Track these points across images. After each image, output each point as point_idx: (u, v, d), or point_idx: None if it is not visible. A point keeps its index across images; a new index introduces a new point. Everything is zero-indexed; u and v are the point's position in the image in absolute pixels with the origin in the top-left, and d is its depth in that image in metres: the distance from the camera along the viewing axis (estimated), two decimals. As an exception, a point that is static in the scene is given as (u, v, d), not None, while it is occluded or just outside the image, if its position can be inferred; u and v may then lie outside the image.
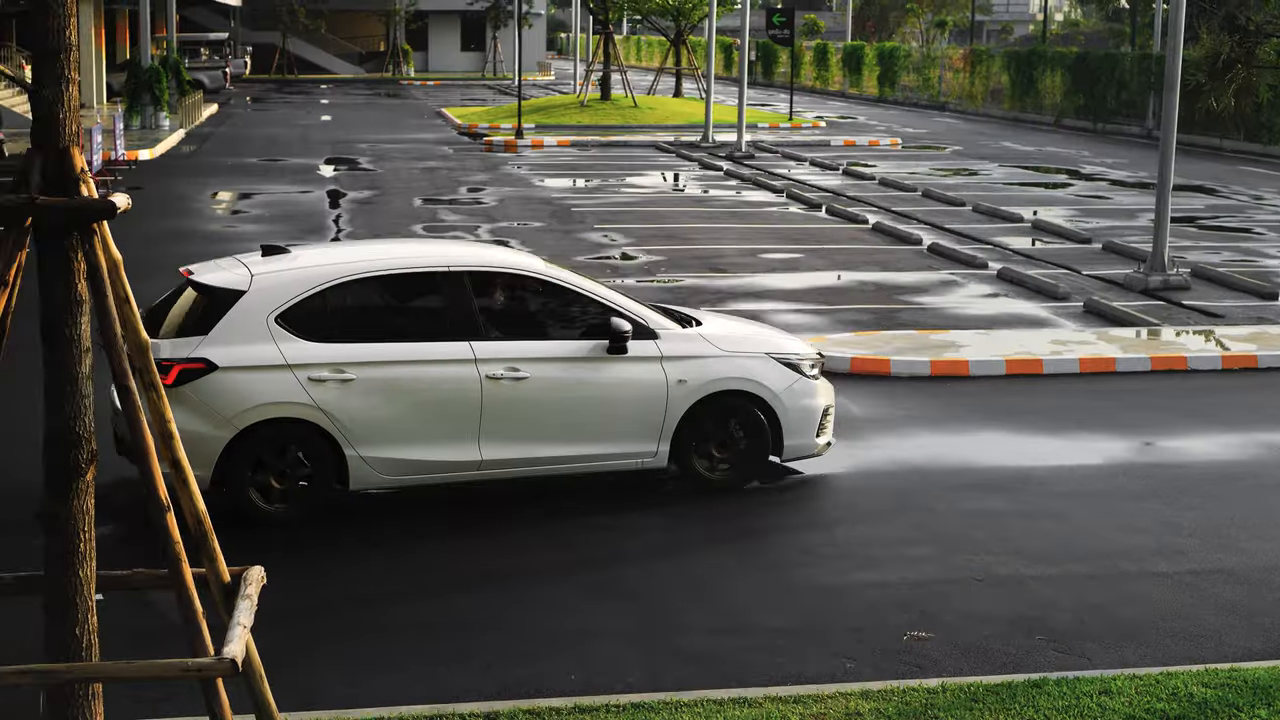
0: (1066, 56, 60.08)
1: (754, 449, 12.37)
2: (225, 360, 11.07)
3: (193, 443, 10.50)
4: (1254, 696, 8.25)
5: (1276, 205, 32.94)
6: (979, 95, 66.19)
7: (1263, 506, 12.19)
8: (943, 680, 8.49)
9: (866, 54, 76.30)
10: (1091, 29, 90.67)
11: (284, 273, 11.64)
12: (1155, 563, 10.83)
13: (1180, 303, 20.65)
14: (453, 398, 11.49)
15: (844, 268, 23.39)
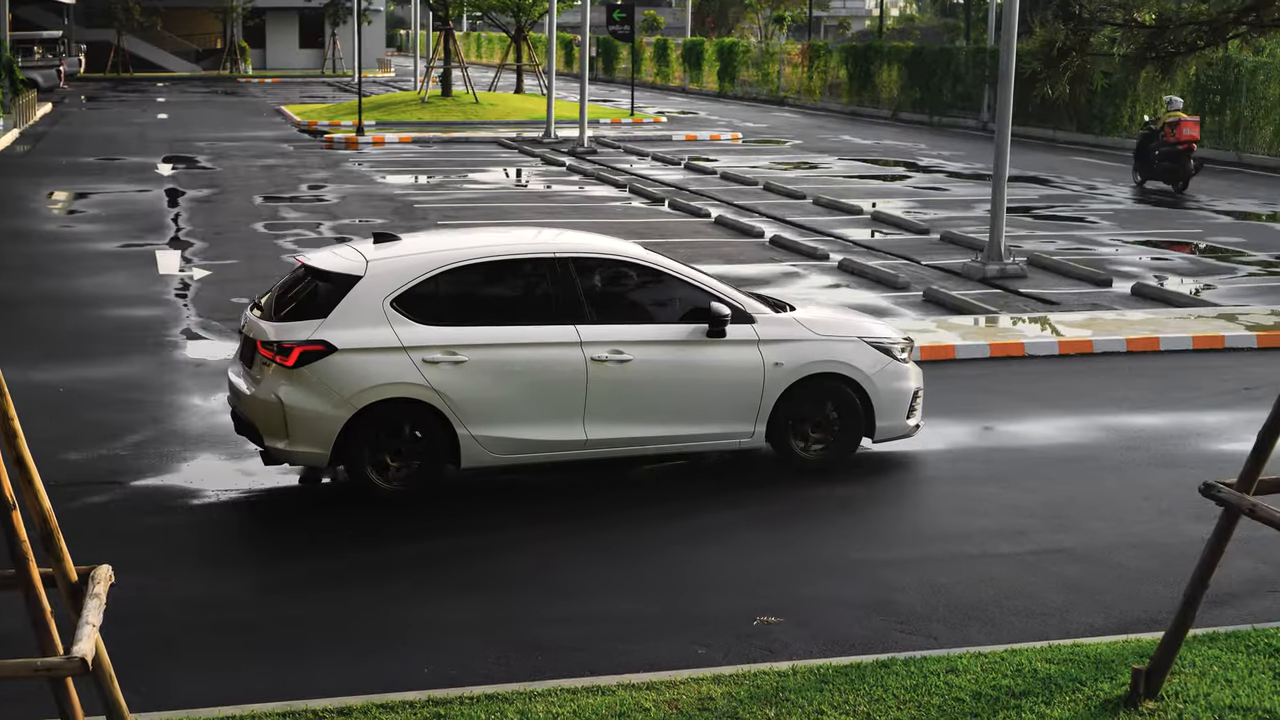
0: (903, 51, 60.88)
1: (848, 430, 12.74)
2: (343, 342, 11.44)
3: (312, 422, 11.42)
4: (1096, 670, 8.43)
5: (1109, 194, 33.67)
6: (818, 90, 66.85)
7: (1100, 487, 12.46)
8: (793, 663, 8.58)
9: (706, 50, 76.70)
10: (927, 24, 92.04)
11: (398, 259, 12.04)
12: (998, 544, 11.04)
13: (1017, 291, 21.04)
14: (559, 379, 11.86)
15: (688, 261, 23.46)
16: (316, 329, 11.49)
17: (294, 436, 11.47)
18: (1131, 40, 7.92)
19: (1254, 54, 41.69)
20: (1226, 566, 9.32)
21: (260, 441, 11.75)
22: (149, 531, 11.10)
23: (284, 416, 11.43)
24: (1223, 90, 43.60)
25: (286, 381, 11.44)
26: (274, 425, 11.51)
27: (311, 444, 11.49)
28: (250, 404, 11.69)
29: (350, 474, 11.70)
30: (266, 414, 11.54)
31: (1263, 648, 8.77)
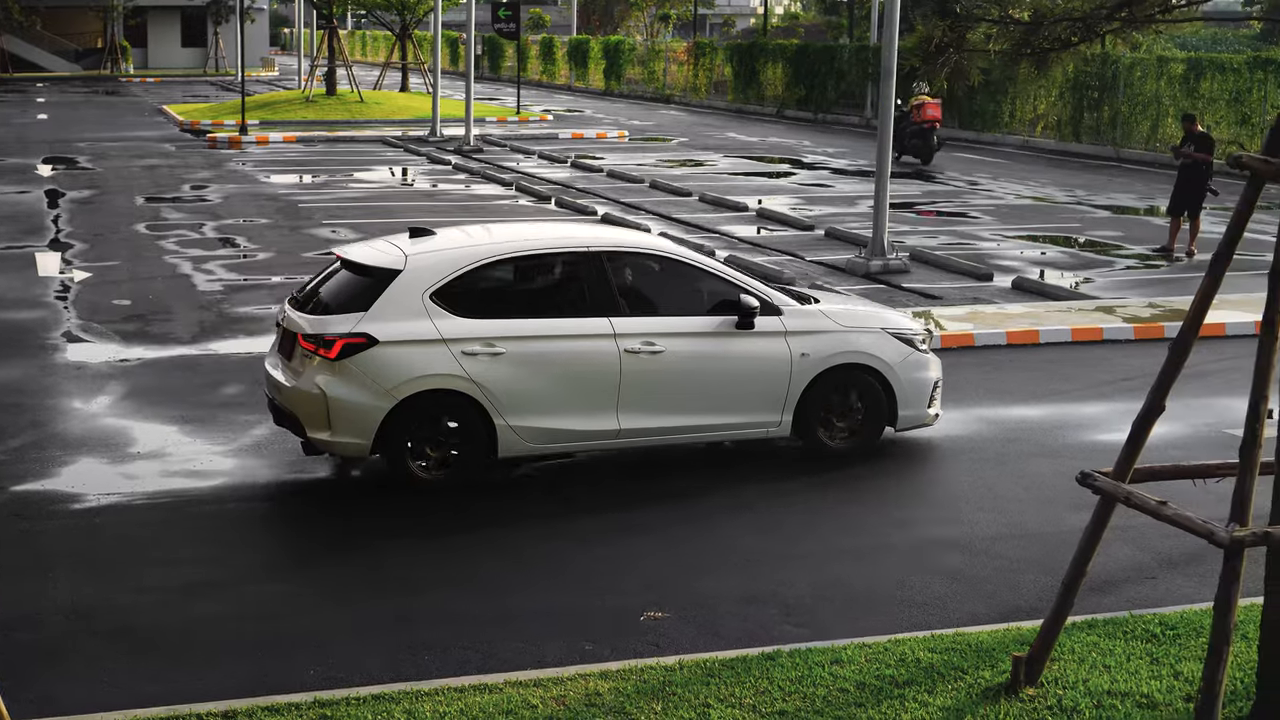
0: (787, 49, 61.24)
1: (872, 419, 13.09)
2: (385, 335, 11.63)
3: (355, 412, 11.62)
4: (978, 659, 8.55)
5: (990, 190, 34.08)
6: (703, 88, 67.10)
7: (983, 479, 12.62)
8: (679, 658, 8.63)
9: (592, 48, 76.71)
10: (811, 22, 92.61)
11: (436, 253, 12.23)
12: (885, 535, 11.15)
13: (900, 285, 21.24)
14: (594, 370, 12.10)
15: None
16: (358, 322, 11.69)
17: (336, 427, 11.70)
18: (1007, 36, 8.03)
19: (1131, 50, 42.36)
20: (1104, 554, 9.51)
21: (302, 432, 11.94)
22: (28, 536, 10.94)
23: (326, 408, 11.65)
24: (1100, 87, 44.27)
25: (329, 373, 11.67)
26: (316, 416, 11.71)
27: (353, 434, 11.71)
28: (291, 396, 11.90)
29: (390, 464, 11.89)
30: (309, 405, 11.74)
31: (1140, 633, 8.93)
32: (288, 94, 60.72)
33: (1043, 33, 7.90)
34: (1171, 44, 49.56)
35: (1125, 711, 7.87)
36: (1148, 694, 8.07)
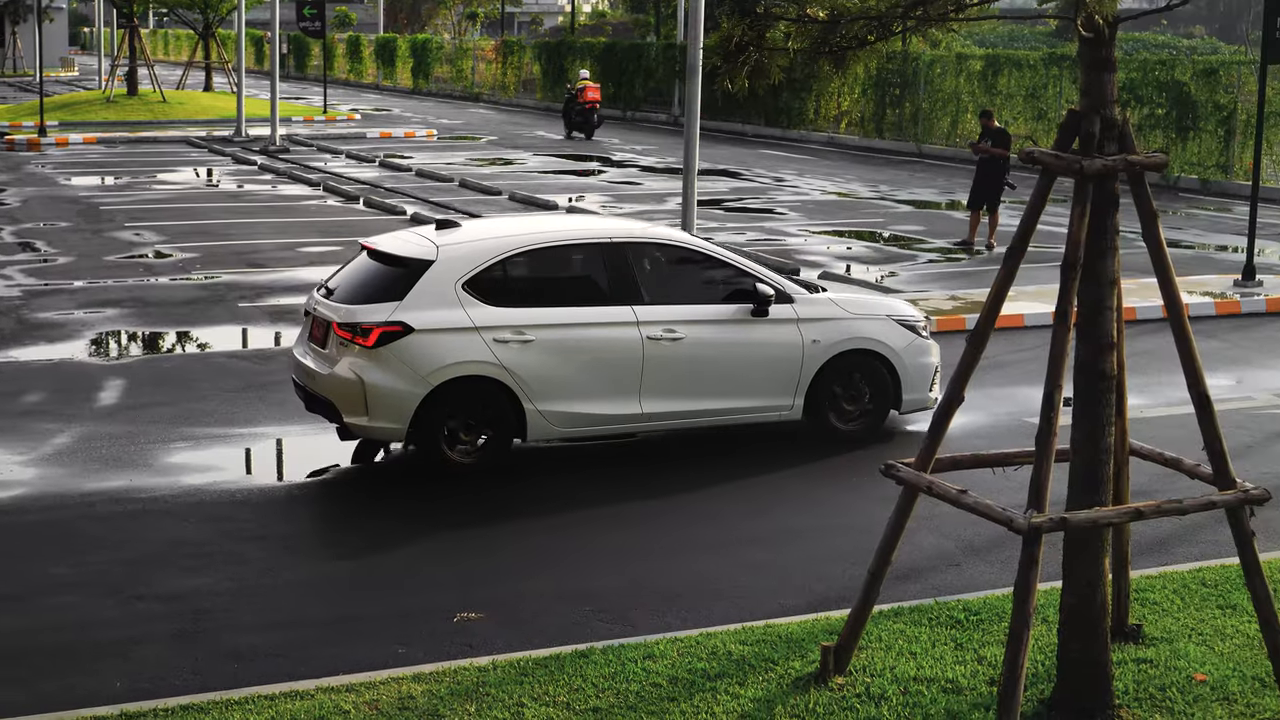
0: (595, 47, 61.39)
1: (879, 403, 13.60)
2: (420, 323, 11.99)
3: (391, 398, 11.96)
4: (788, 650, 8.65)
5: (796, 186, 34.52)
6: (512, 86, 67.00)
7: (791, 470, 12.76)
8: (493, 658, 8.61)
9: (400, 46, 76.19)
10: (619, 20, 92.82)
11: (467, 244, 12.65)
12: (695, 530, 11.23)
13: (710, 282, 21.37)
14: (618, 357, 12.54)
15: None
16: (393, 311, 12.03)
17: (373, 413, 12.00)
18: (806, 35, 8.11)
19: (931, 48, 43.13)
20: (910, 543, 9.69)
21: (337, 418, 12.24)
22: None
23: (364, 394, 11.96)
24: (902, 84, 45.03)
25: (366, 360, 11.98)
26: (353, 402, 12.01)
27: (390, 420, 12.02)
28: (327, 382, 12.21)
29: (423, 449, 12.22)
30: (346, 392, 12.04)
31: (945, 620, 9.11)
32: (88, 94, 59.41)
33: (840, 31, 8.00)
34: (970, 41, 50.57)
35: (931, 697, 8.02)
36: (953, 679, 8.24)
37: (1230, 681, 8.23)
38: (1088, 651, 7.80)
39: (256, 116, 47.44)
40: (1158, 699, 8.01)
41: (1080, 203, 7.43)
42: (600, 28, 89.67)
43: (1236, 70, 36.41)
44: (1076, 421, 7.77)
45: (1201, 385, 7.71)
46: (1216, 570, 10.00)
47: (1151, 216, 7.68)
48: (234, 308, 19.48)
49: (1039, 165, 7.59)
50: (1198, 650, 8.65)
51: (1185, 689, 8.13)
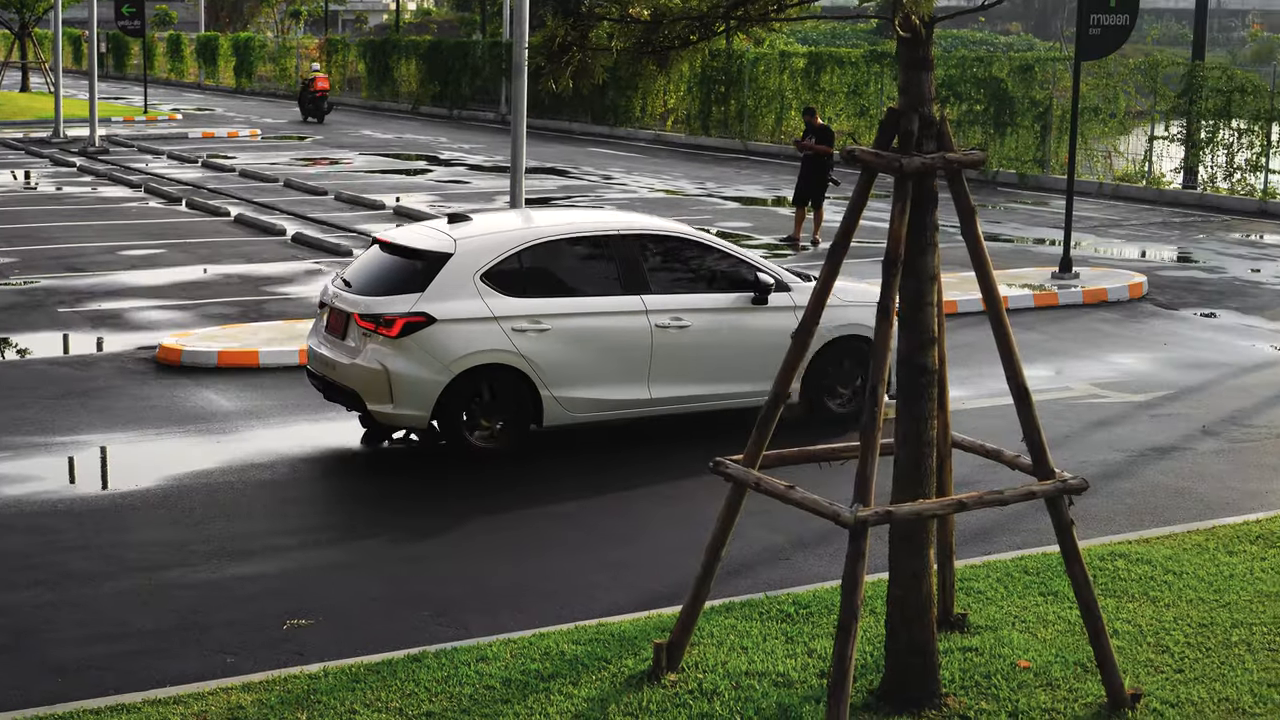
0: (421, 45, 61.07)
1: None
2: (442, 314, 12.46)
3: (415, 386, 12.44)
4: (621, 648, 8.67)
5: (624, 183, 34.62)
6: (337, 84, 66.36)
7: (631, 468, 12.80)
8: (324, 665, 8.52)
9: (222, 45, 75.15)
10: (444, 18, 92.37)
11: (483, 237, 13.13)
12: (527, 530, 11.21)
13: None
14: (628, 344, 13.08)
15: (208, 261, 23.01)
16: (416, 301, 12.50)
17: (398, 400, 12.45)
18: (628, 35, 8.14)
19: (755, 45, 43.52)
20: (740, 538, 9.78)
21: (359, 406, 12.74)
22: None
23: (389, 382, 12.41)
24: (727, 81, 45.36)
25: (391, 350, 12.43)
26: (378, 391, 12.46)
27: (414, 407, 12.49)
28: (350, 372, 12.63)
29: (445, 434, 12.70)
30: (370, 380, 12.48)
31: (775, 614, 9.20)
32: (-104, 95, 57.76)
33: (663, 31, 8.04)
34: (794, 39, 51.10)
35: (763, 691, 8.09)
36: (784, 673, 8.32)
37: (1053, 667, 8.41)
38: (915, 642, 7.93)
39: (75, 117, 46.49)
40: (983, 686, 8.16)
41: (900, 200, 7.54)
42: (426, 26, 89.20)
43: (1052, 67, 37.23)
44: (899, 415, 7.89)
45: (1020, 378, 7.88)
46: (1038, 558, 10.21)
47: (969, 213, 7.82)
48: (53, 313, 19.06)
49: (860, 164, 7.70)
50: (1021, 637, 8.83)
51: (1010, 676, 8.29)
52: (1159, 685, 8.21)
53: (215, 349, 16.37)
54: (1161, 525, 11.30)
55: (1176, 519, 11.51)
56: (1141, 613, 9.28)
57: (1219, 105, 33.61)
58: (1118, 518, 11.57)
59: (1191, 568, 10.08)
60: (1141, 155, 35.21)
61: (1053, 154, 36.20)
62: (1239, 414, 14.81)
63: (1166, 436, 13.99)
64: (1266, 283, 22.70)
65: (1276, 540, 10.66)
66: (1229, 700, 8.04)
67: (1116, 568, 10.04)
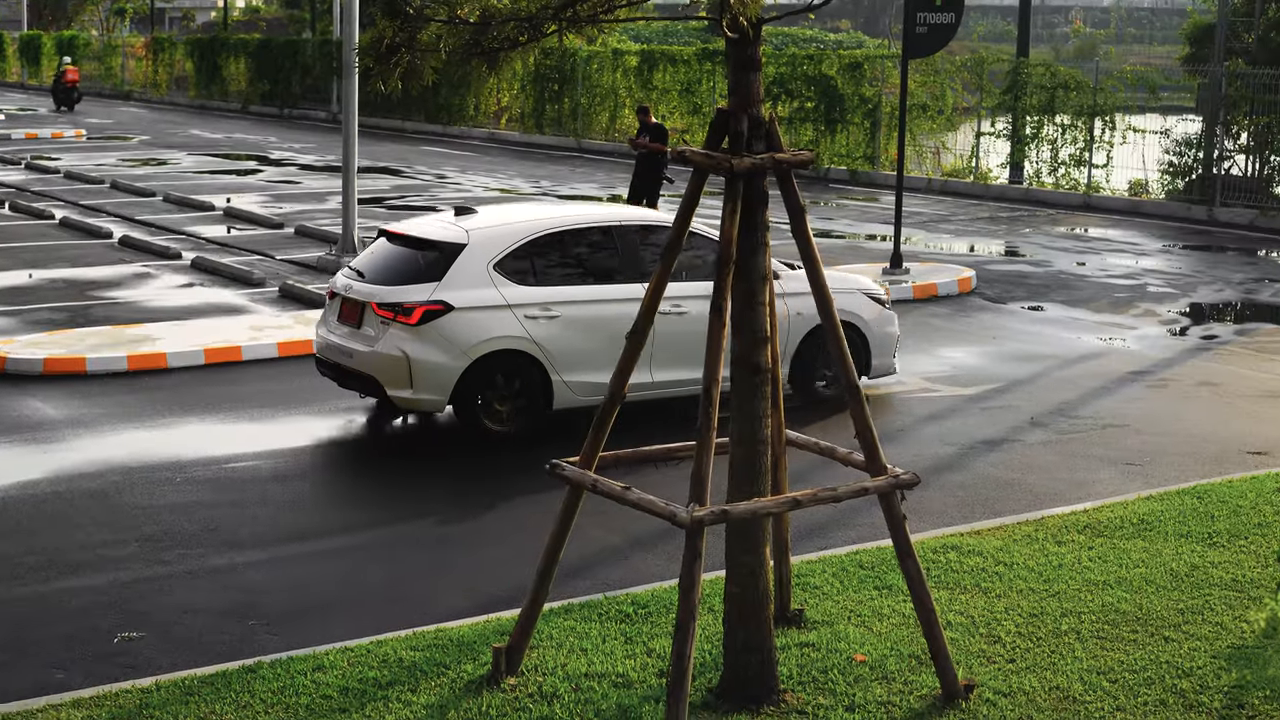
0: (250, 43, 60.28)
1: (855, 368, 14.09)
2: (459, 302, 13.01)
3: (435, 371, 13.04)
4: (460, 653, 8.62)
5: (458, 183, 34.46)
6: (164, 83, 65.35)
7: (463, 470, 12.73)
8: (157, 678, 8.36)
9: (45, 43, 73.60)
10: (273, 15, 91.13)
11: (494, 228, 13.74)
12: (361, 536, 11.12)
13: (373, 282, 21.18)
14: None
15: (33, 266, 22.47)
16: (434, 290, 13.08)
17: (418, 386, 13.01)
18: (457, 36, 8.09)
19: (587, 44, 43.53)
20: (577, 538, 9.73)
21: (379, 392, 13.23)
22: None
23: (409, 368, 12.94)
24: (560, 79, 45.36)
25: (411, 337, 13.00)
26: (398, 377, 13.00)
27: (433, 392, 13.09)
28: (369, 359, 13.17)
29: (462, 417, 13.26)
30: (390, 367, 13.02)
31: (614, 615, 9.20)
32: None
33: (492, 33, 8.00)
34: (626, 37, 51.24)
35: (602, 692, 8.09)
36: (623, 673, 8.33)
37: (889, 660, 8.51)
38: (752, 639, 7.98)
39: (-110, 118, 45.21)
40: (821, 681, 8.24)
41: (731, 200, 7.58)
42: (254, 23, 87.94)
43: (880, 64, 37.70)
44: (734, 414, 7.94)
45: (850, 375, 7.97)
46: (872, 552, 10.34)
47: (799, 212, 7.89)
48: None
49: (691, 164, 7.73)
50: (857, 631, 8.93)
51: (846, 670, 8.38)
52: (992, 675, 8.34)
53: (41, 356, 16.00)
54: (992, 517, 11.50)
55: (1006, 510, 11.72)
56: (974, 604, 9.43)
57: (1043, 101, 34.27)
58: (949, 510, 11.75)
59: (1021, 558, 10.26)
60: (969, 151, 35.80)
61: (882, 150, 36.68)
62: (1065, 405, 15.12)
63: (996, 429, 14.24)
64: (1091, 275, 23.20)
65: (1103, 530, 10.90)
66: (1060, 689, 8.20)
67: (949, 560, 10.20)
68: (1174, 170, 32.37)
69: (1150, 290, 21.93)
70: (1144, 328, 19.24)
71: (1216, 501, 11.58)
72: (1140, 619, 9.21)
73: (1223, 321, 20.33)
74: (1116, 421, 14.52)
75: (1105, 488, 12.36)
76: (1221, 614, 9.31)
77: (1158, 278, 23.16)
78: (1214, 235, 28.51)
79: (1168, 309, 20.58)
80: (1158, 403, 15.38)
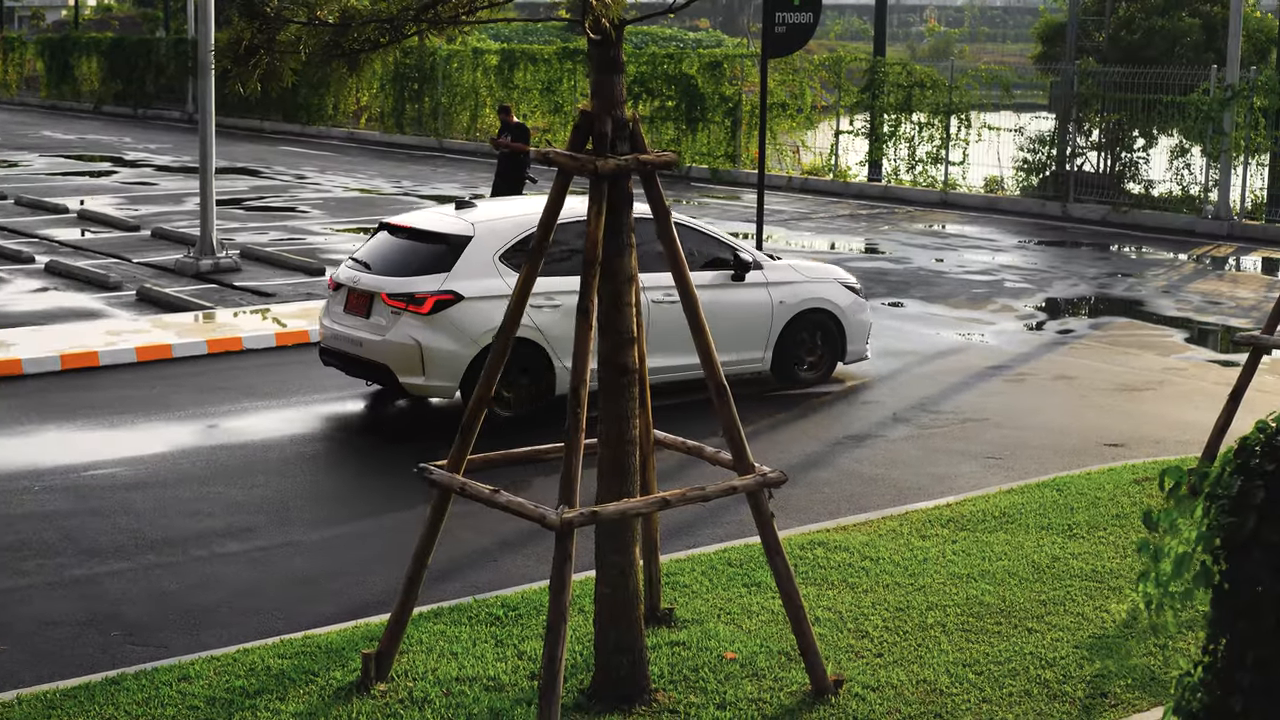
0: (103, 42, 59.33)
1: (830, 355, 15.79)
2: (469, 292, 13.45)
3: (446, 359, 13.55)
4: (329, 660, 8.54)
5: (318, 183, 34.16)
6: (14, 84, 64.16)
7: (323, 476, 12.62)
8: (18, 692, 8.19)
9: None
10: (126, 14, 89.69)
11: (498, 221, 14.19)
12: (225, 543, 10.97)
13: (233, 284, 20.97)
14: None
15: None
16: (444, 280, 13.59)
17: (430, 373, 13.55)
18: (317, 38, 8.01)
19: (447, 43, 43.34)
20: (447, 541, 9.70)
21: (390, 380, 13.73)
22: None
23: (421, 356, 13.45)
24: (420, 78, 45.11)
25: (423, 326, 13.51)
26: (410, 364, 13.52)
27: (444, 379, 13.63)
28: (380, 348, 13.67)
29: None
30: (403, 355, 13.53)
31: (484, 618, 9.17)
32: None
33: (352, 34, 7.94)
34: (486, 35, 51.05)
35: (474, 696, 8.06)
36: (494, 676, 8.30)
37: (759, 658, 8.57)
38: (623, 639, 7.99)
39: None
40: (692, 680, 8.27)
41: (596, 202, 7.59)
42: (107, 22, 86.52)
43: (740, 63, 37.92)
44: (602, 415, 7.94)
45: (717, 375, 8.01)
46: (740, 549, 10.39)
47: (664, 214, 7.93)
48: None
49: (556, 166, 7.72)
50: (727, 629, 8.98)
51: (717, 668, 8.42)
52: (860, 670, 8.43)
53: (-111, 364, 15.62)
54: (858, 512, 11.62)
55: (871, 505, 11.84)
56: (841, 599, 9.51)
57: (900, 100, 34.66)
58: (815, 506, 11.85)
59: (887, 553, 10.38)
60: (828, 149, 36.12)
61: (743, 149, 36.89)
62: (927, 400, 15.31)
63: (860, 425, 14.39)
64: (949, 272, 23.51)
65: (966, 523, 11.05)
66: (927, 682, 8.30)
67: (816, 556, 10.28)
68: (1028, 167, 32.93)
69: (1007, 286, 22.27)
70: (1002, 323, 19.53)
71: (1075, 494, 11.79)
72: (1004, 611, 9.35)
73: (1078, 316, 20.69)
74: (977, 416, 14.73)
75: (967, 481, 12.54)
76: (1083, 605, 9.48)
77: (1014, 273, 23.53)
78: (1068, 231, 29.02)
79: (1024, 304, 20.91)
80: (1016, 397, 15.63)
